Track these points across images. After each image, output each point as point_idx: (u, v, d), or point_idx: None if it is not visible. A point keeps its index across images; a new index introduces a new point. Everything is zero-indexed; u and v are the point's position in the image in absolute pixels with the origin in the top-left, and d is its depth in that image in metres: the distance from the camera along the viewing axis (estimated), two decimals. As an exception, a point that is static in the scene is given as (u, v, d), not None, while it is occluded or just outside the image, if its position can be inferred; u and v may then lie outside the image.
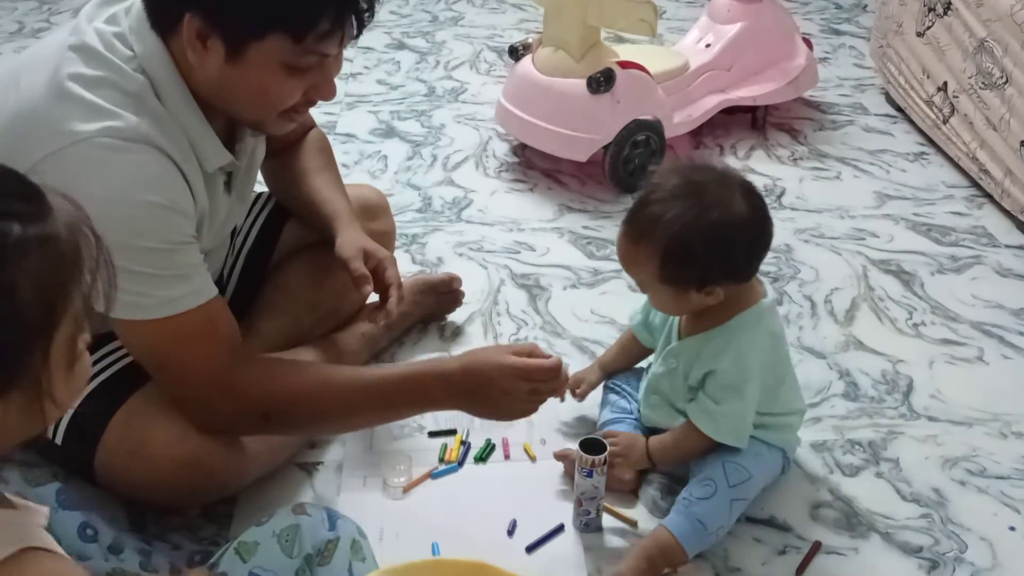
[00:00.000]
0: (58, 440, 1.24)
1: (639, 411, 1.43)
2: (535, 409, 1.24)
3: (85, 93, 1.05)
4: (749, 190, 1.24)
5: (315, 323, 1.52)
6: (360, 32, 1.13)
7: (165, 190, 1.08)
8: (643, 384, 1.41)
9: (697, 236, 1.18)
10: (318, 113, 2.49)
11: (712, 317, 1.27)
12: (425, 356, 1.65)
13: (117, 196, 1.03)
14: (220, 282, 1.51)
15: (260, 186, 1.53)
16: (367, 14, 1.11)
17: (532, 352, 1.22)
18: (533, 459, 1.42)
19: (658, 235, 1.19)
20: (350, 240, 1.39)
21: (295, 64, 1.09)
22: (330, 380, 1.22)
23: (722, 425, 1.27)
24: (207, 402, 1.16)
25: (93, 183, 1.02)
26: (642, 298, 1.38)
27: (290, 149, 1.50)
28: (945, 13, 2.25)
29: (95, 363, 1.26)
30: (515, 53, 2.24)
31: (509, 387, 1.19)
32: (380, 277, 1.38)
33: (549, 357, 1.22)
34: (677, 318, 1.34)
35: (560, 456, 1.39)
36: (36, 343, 0.67)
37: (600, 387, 1.49)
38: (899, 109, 2.55)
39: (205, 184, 1.17)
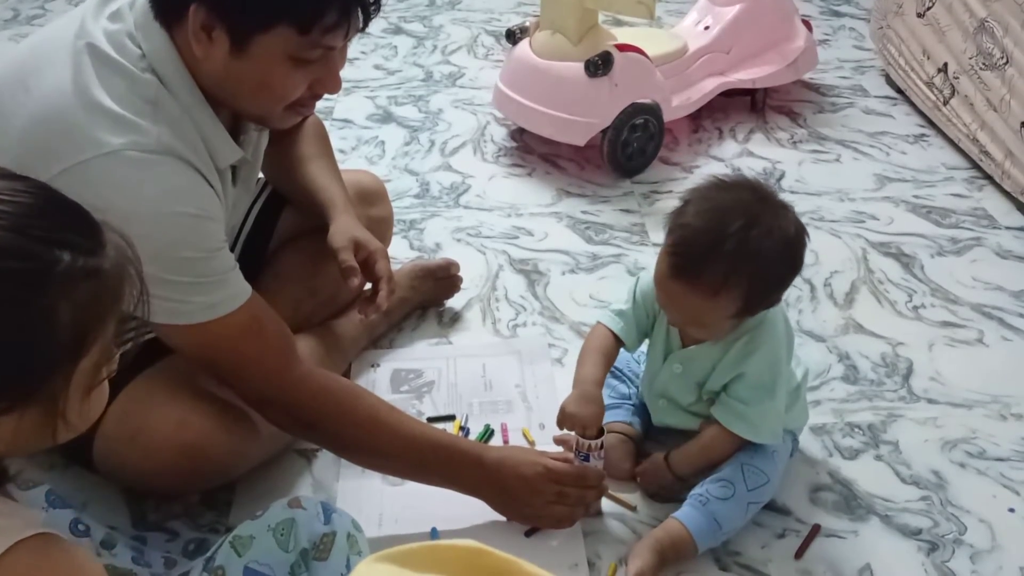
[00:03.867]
0: None
1: (637, 396, 1.42)
2: (567, 516, 1.24)
3: (106, 102, 1.04)
4: (783, 204, 1.21)
5: (314, 309, 1.52)
6: (366, 24, 1.12)
7: (194, 199, 1.08)
8: (645, 383, 1.40)
9: (777, 262, 1.17)
10: (315, 99, 2.49)
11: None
12: (423, 342, 1.65)
13: (149, 210, 1.03)
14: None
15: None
16: (373, 7, 1.10)
17: (568, 461, 1.24)
18: (532, 443, 1.42)
19: (738, 274, 1.15)
20: (342, 229, 1.38)
21: (300, 56, 1.08)
22: (380, 419, 1.21)
23: (761, 427, 1.26)
24: (264, 399, 1.16)
25: (122, 198, 1.01)
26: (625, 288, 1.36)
27: (287, 136, 1.49)
28: (945, -7, 2.24)
29: None
30: (512, 37, 2.23)
31: (538, 486, 1.21)
32: (370, 269, 1.38)
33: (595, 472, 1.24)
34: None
35: (559, 441, 1.38)
36: (62, 366, 0.71)
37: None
38: (899, 91, 2.53)
39: (220, 183, 1.17)
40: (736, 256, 1.15)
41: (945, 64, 2.26)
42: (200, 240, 1.08)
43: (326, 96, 1.18)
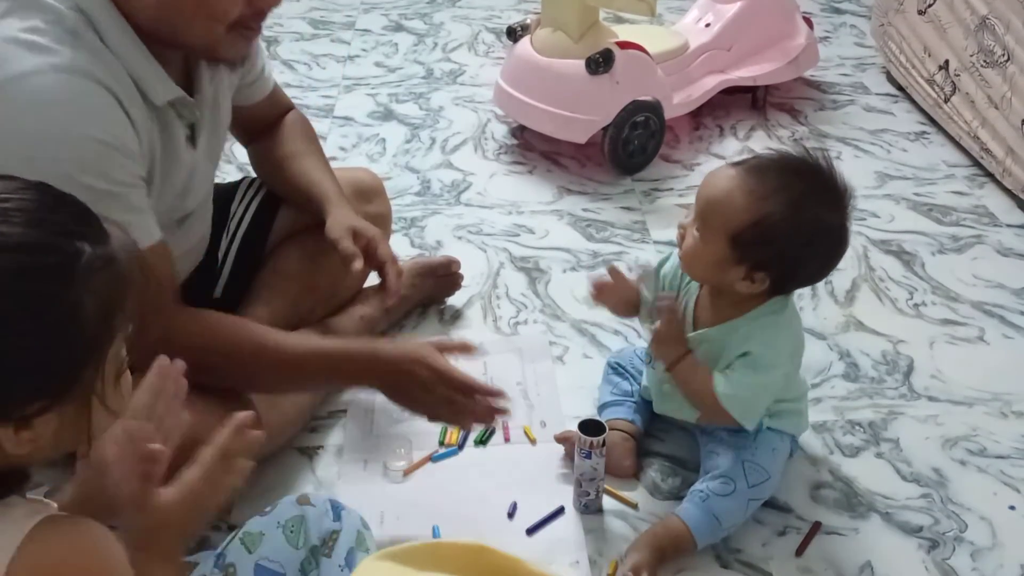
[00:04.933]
0: None
1: (640, 393, 1.43)
2: (455, 421, 1.23)
3: (21, 35, 1.02)
4: (847, 216, 1.22)
5: (313, 306, 1.52)
6: None
7: (107, 125, 1.05)
8: (648, 373, 1.40)
9: (793, 227, 1.16)
10: (316, 97, 2.49)
11: (734, 307, 1.25)
12: (425, 339, 1.64)
13: (57, 132, 1.00)
14: (215, 267, 1.50)
15: (252, 170, 1.53)
16: None
17: (464, 348, 1.23)
18: (533, 441, 1.42)
19: (766, 204, 1.16)
20: (339, 220, 1.38)
21: None
22: (266, 344, 1.20)
23: (737, 395, 1.23)
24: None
25: (31, 119, 1.00)
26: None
27: (270, 133, 1.49)
28: (946, -9, 2.23)
29: None
30: (513, 34, 2.23)
31: (429, 387, 1.19)
32: (372, 255, 1.37)
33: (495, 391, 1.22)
34: (692, 305, 1.31)
35: (561, 439, 1.39)
36: (93, 357, 0.71)
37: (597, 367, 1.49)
38: (900, 88, 2.53)
39: (158, 125, 1.14)
40: (777, 186, 1.17)
41: (946, 61, 2.26)
42: (107, 169, 1.05)
43: (327, 93, 1.18)
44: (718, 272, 1.22)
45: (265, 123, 1.48)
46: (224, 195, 1.56)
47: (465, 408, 1.20)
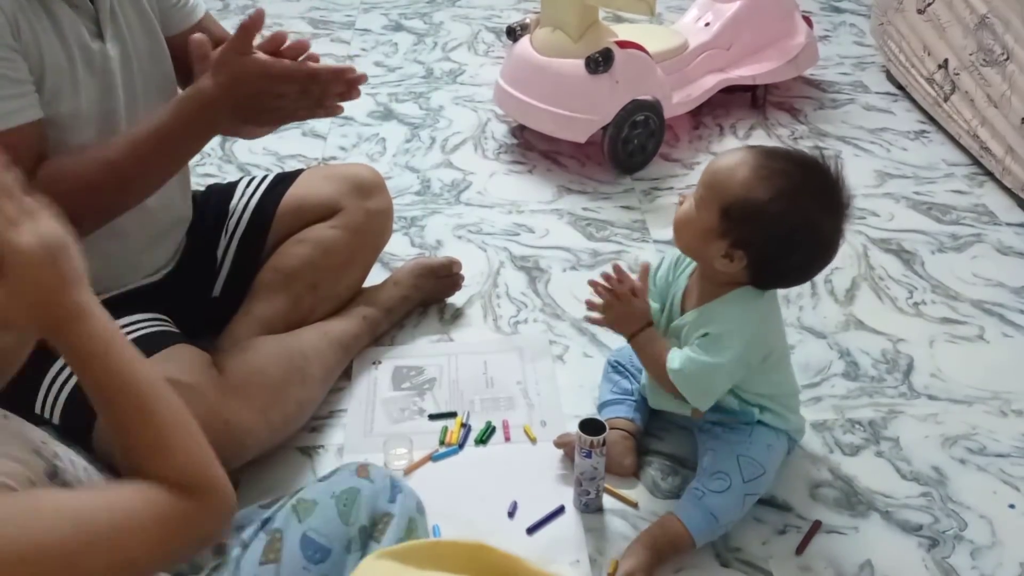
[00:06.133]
0: (55, 420, 1.24)
1: (640, 392, 1.43)
2: (322, 110, 1.21)
3: None
4: (840, 224, 1.22)
5: (314, 304, 1.52)
6: None
7: None
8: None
9: (782, 213, 1.17)
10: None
11: (714, 291, 1.26)
12: (425, 339, 1.65)
13: None
14: (214, 266, 1.51)
15: (256, 169, 1.53)
16: None
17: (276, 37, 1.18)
18: (533, 441, 1.43)
19: (762, 184, 1.17)
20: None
21: None
22: (110, 156, 1.17)
23: (687, 371, 1.22)
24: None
25: None
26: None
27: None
28: (946, -11, 2.23)
29: None
30: (513, 34, 2.23)
31: (272, 92, 1.17)
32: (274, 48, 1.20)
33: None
34: (679, 295, 1.33)
35: (560, 444, 1.39)
36: None
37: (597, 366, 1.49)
38: (900, 87, 2.53)
39: (37, 7, 1.13)
40: (779, 170, 1.18)
41: (946, 60, 2.26)
42: None
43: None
44: (702, 242, 1.22)
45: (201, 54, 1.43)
46: (223, 194, 1.57)
47: (322, 92, 1.19)
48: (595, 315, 1.31)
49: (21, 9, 1.12)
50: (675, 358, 1.24)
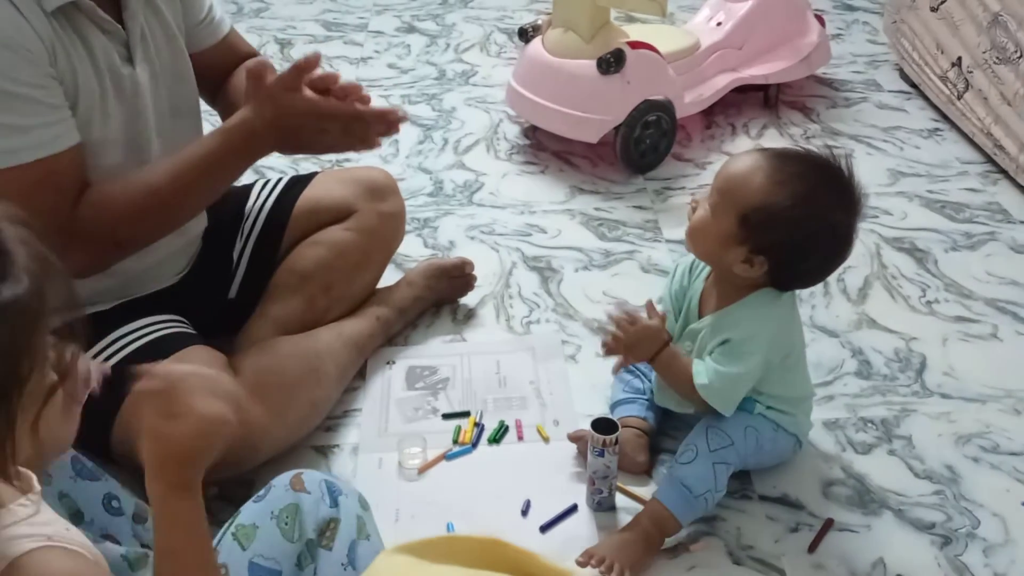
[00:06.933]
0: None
1: (652, 390, 1.43)
2: (336, 145, 1.26)
3: None
4: (855, 222, 1.23)
5: (329, 305, 1.53)
6: None
7: (3, 26, 1.06)
8: None
9: (801, 217, 1.18)
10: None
11: (733, 295, 1.27)
12: (438, 339, 1.66)
13: None
14: (230, 268, 1.52)
15: (271, 171, 1.55)
16: None
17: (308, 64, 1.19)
18: (546, 440, 1.43)
19: (780, 189, 1.18)
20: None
21: None
22: (153, 182, 1.20)
23: (713, 384, 1.24)
24: (60, 250, 1.13)
25: None
26: (656, 283, 1.37)
27: (230, 82, 1.45)
28: (959, -13, 2.23)
29: (116, 341, 1.28)
30: (525, 35, 2.23)
31: (315, 127, 1.20)
32: (328, 85, 1.23)
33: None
34: (696, 300, 1.33)
35: (574, 438, 1.40)
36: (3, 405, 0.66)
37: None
38: (913, 85, 2.53)
39: (70, 33, 1.14)
40: (793, 173, 1.19)
41: (959, 58, 2.25)
42: (7, 70, 1.06)
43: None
44: (720, 249, 1.23)
45: (223, 73, 1.45)
46: (238, 196, 1.58)
47: (364, 131, 1.22)
48: (613, 352, 1.30)
49: (58, 37, 1.14)
50: (701, 372, 1.25)
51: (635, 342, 1.27)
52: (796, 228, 1.19)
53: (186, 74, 1.35)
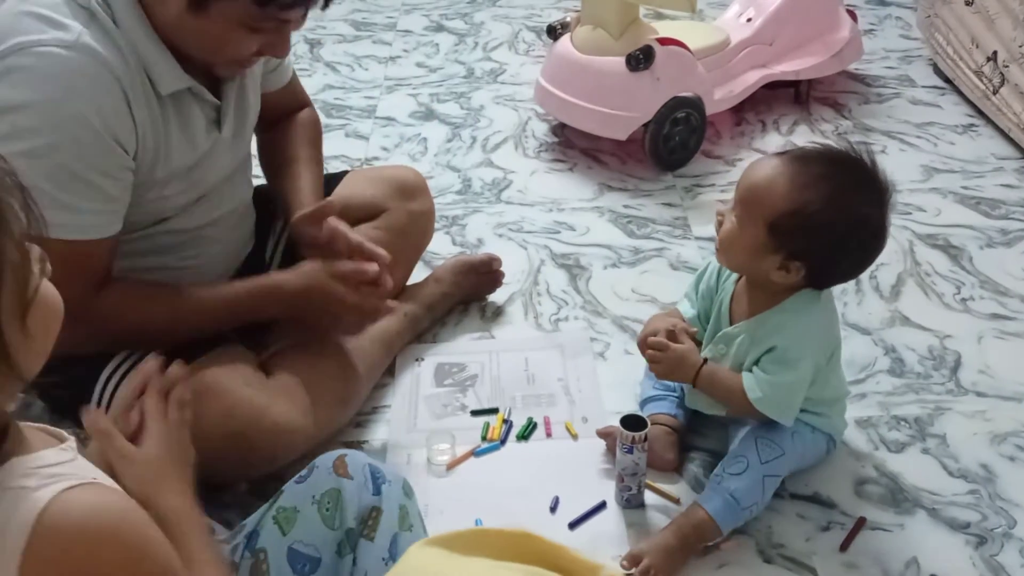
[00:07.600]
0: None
1: (681, 388, 1.42)
2: (359, 328, 1.39)
3: (39, 9, 1.06)
4: (887, 212, 1.21)
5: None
6: (327, 4, 1.15)
7: (101, 109, 1.08)
8: None
9: (832, 218, 1.16)
10: (359, 98, 2.52)
11: (767, 300, 1.25)
12: (466, 336, 1.66)
13: (48, 107, 1.04)
14: (261, 268, 1.53)
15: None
16: None
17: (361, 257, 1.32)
18: (575, 437, 1.43)
19: (806, 192, 1.16)
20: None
21: (255, 25, 1.11)
22: (173, 304, 1.25)
23: (769, 396, 1.23)
24: (66, 322, 1.05)
25: (28, 88, 1.04)
26: (685, 280, 1.36)
27: (282, 126, 1.50)
28: (994, -20, 2.19)
29: None
30: (553, 32, 2.23)
31: (327, 308, 1.30)
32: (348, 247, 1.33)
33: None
34: (727, 303, 1.32)
35: (603, 434, 1.39)
36: None
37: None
38: (947, 80, 2.49)
39: (170, 111, 1.17)
40: (819, 175, 1.17)
41: (994, 52, 2.22)
42: (86, 154, 1.07)
43: (369, 94, 1.20)
44: (754, 259, 1.22)
45: (278, 113, 1.48)
46: (269, 197, 1.59)
47: (365, 317, 1.36)
48: (662, 379, 1.33)
49: (162, 118, 1.16)
50: (754, 387, 1.23)
51: (670, 370, 1.29)
52: (830, 230, 1.17)
53: (253, 112, 1.37)
